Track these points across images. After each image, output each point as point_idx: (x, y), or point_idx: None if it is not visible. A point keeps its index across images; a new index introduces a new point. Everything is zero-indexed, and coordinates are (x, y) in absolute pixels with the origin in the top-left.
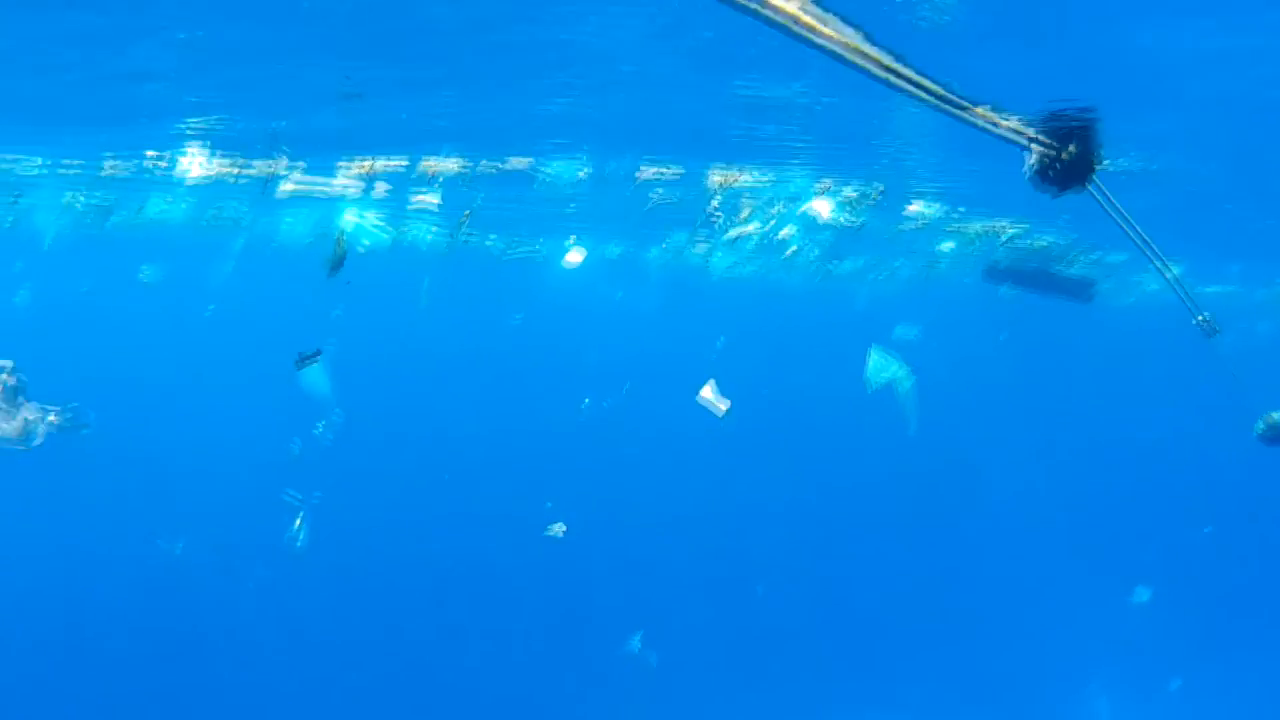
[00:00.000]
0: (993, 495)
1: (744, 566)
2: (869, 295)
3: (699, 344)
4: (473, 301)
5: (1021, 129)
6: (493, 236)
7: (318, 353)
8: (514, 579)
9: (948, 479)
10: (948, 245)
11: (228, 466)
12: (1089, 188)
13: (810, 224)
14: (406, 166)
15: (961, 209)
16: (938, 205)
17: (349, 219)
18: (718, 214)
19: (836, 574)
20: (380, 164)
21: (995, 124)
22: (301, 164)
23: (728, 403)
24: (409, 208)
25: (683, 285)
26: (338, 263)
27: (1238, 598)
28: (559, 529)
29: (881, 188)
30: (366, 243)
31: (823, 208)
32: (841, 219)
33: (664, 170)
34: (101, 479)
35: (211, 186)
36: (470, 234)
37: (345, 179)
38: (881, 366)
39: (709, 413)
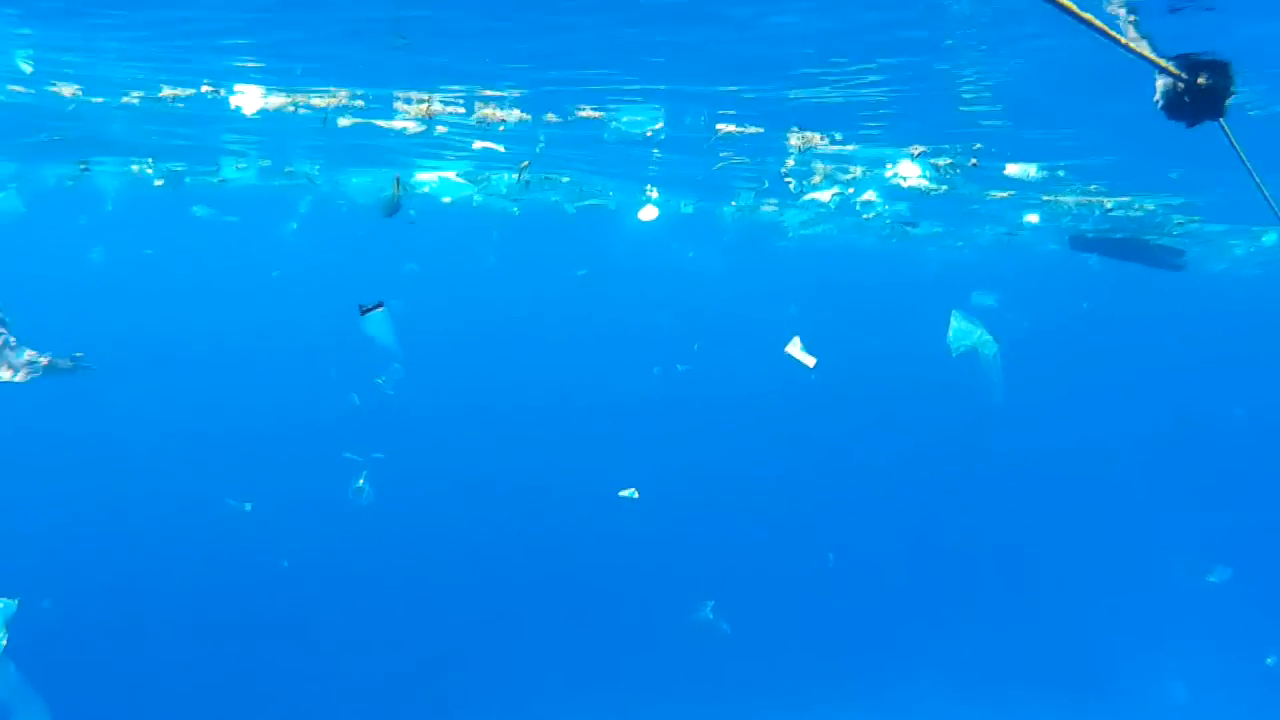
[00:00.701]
0: (1070, 469)
1: (815, 533)
2: (945, 260)
3: (770, 305)
4: (541, 257)
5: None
6: (566, 177)
7: (379, 305)
8: (580, 544)
9: (1024, 452)
10: (1033, 218)
11: (291, 425)
12: (1220, 120)
13: (893, 190)
14: (463, 113)
15: (1061, 172)
16: (1035, 167)
17: (429, 178)
18: (789, 179)
19: (908, 544)
20: (438, 104)
21: (1136, 50)
22: (360, 98)
23: (814, 358)
24: (474, 146)
25: (755, 244)
26: (394, 206)
27: None
28: (632, 492)
29: (978, 147)
30: (447, 199)
31: (910, 172)
32: (928, 185)
33: (743, 129)
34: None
35: (271, 120)
36: (533, 177)
37: (404, 120)
38: (964, 333)
39: (786, 369)
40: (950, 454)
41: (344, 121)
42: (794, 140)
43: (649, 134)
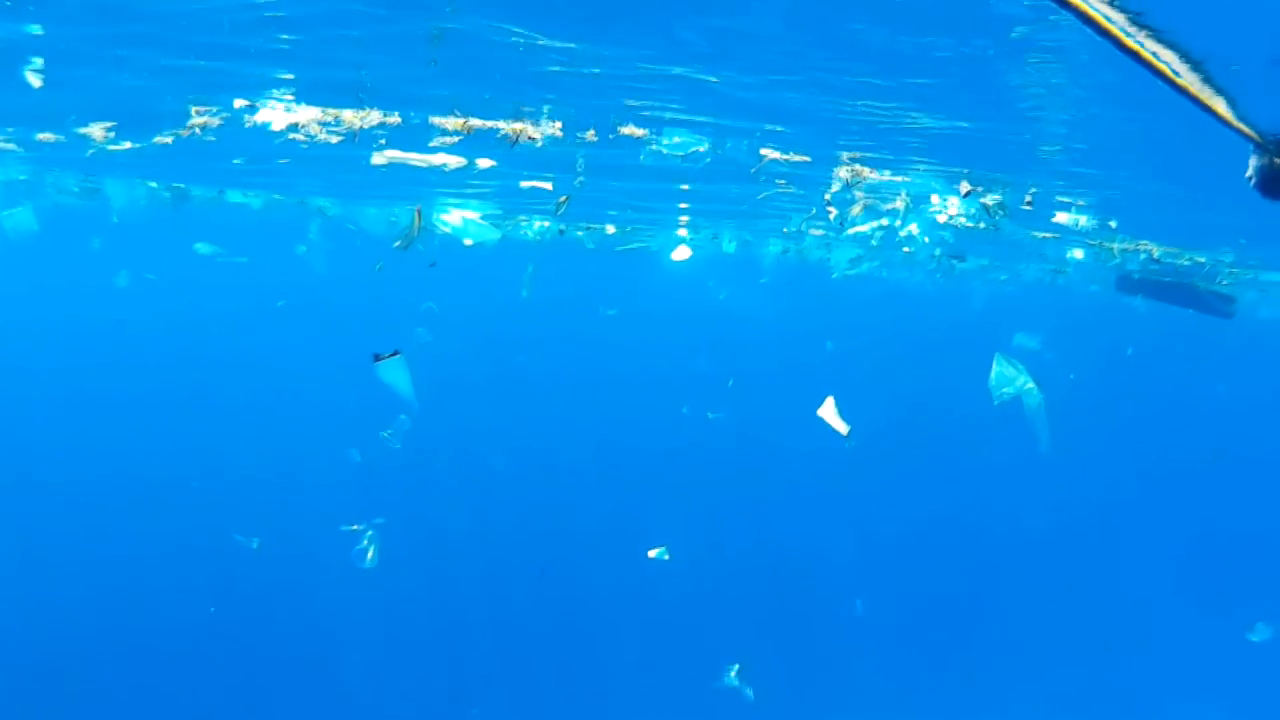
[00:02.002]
0: (1108, 519)
1: (841, 581)
2: (991, 295)
3: (811, 346)
4: (569, 298)
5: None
6: (611, 227)
7: (395, 353)
8: (603, 600)
9: (1063, 500)
10: (1078, 253)
11: (291, 468)
12: None
13: (937, 224)
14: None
15: (1114, 223)
16: (1086, 217)
17: (452, 219)
18: (831, 208)
19: (942, 592)
20: (476, 120)
21: (1231, 122)
22: (395, 116)
23: (848, 426)
24: (521, 185)
25: (794, 284)
26: (410, 238)
27: None
28: (662, 552)
29: (1035, 190)
30: (469, 241)
31: (955, 208)
32: (975, 222)
33: (790, 155)
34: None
35: (299, 144)
36: (570, 226)
37: (441, 153)
38: (1007, 378)
39: (821, 423)
40: (985, 502)
41: (378, 159)
42: (843, 172)
43: (688, 155)
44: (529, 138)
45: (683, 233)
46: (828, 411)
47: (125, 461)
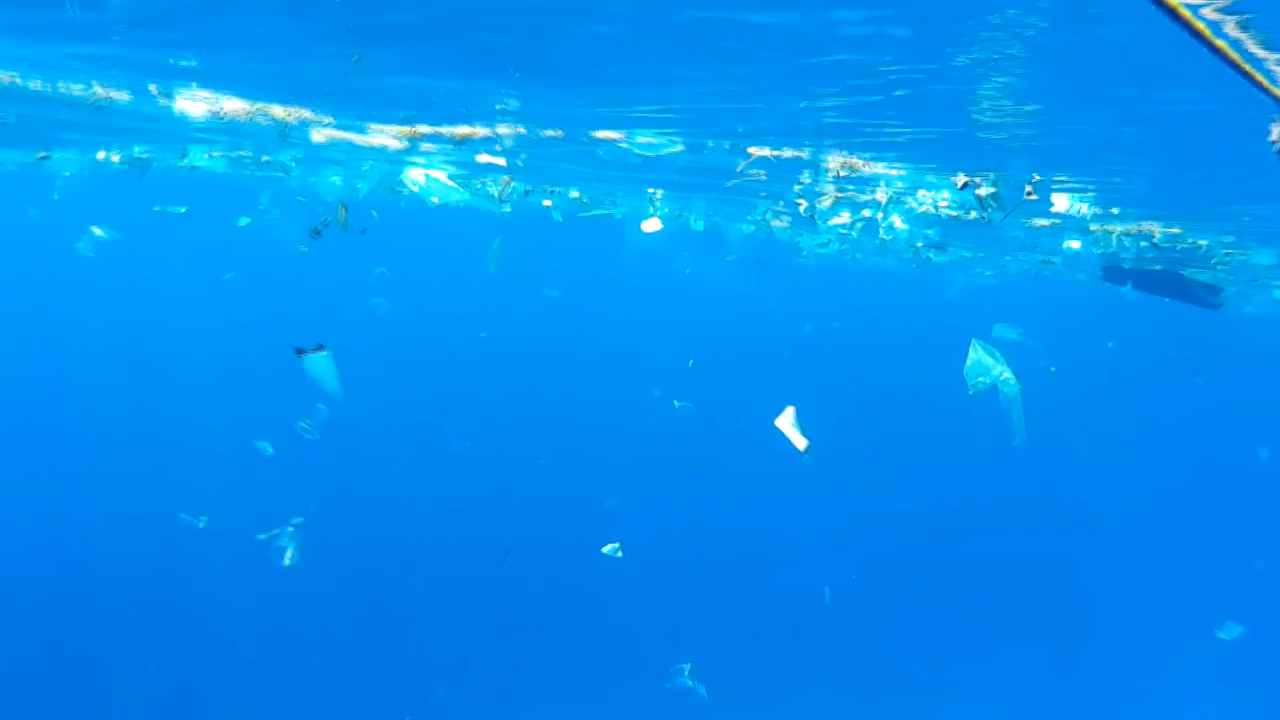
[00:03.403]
0: (1081, 515)
1: (811, 569)
2: (968, 285)
3: (781, 326)
4: (534, 265)
5: None
6: (575, 191)
7: (319, 347)
8: (555, 591)
9: (1036, 495)
10: (1074, 243)
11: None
12: None
13: (923, 216)
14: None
15: (1116, 210)
16: (1089, 204)
17: (416, 175)
18: (800, 200)
19: (913, 583)
20: (425, 126)
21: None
22: (329, 118)
23: (806, 441)
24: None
25: (769, 261)
26: (320, 229)
27: None
28: (615, 549)
29: (1037, 178)
30: (435, 199)
31: (944, 200)
32: (965, 211)
33: (778, 152)
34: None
35: (223, 128)
36: (536, 188)
37: (384, 139)
38: (982, 368)
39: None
40: (963, 500)
41: (318, 136)
42: (833, 163)
43: (664, 154)
44: (482, 137)
45: (656, 204)
46: (785, 423)
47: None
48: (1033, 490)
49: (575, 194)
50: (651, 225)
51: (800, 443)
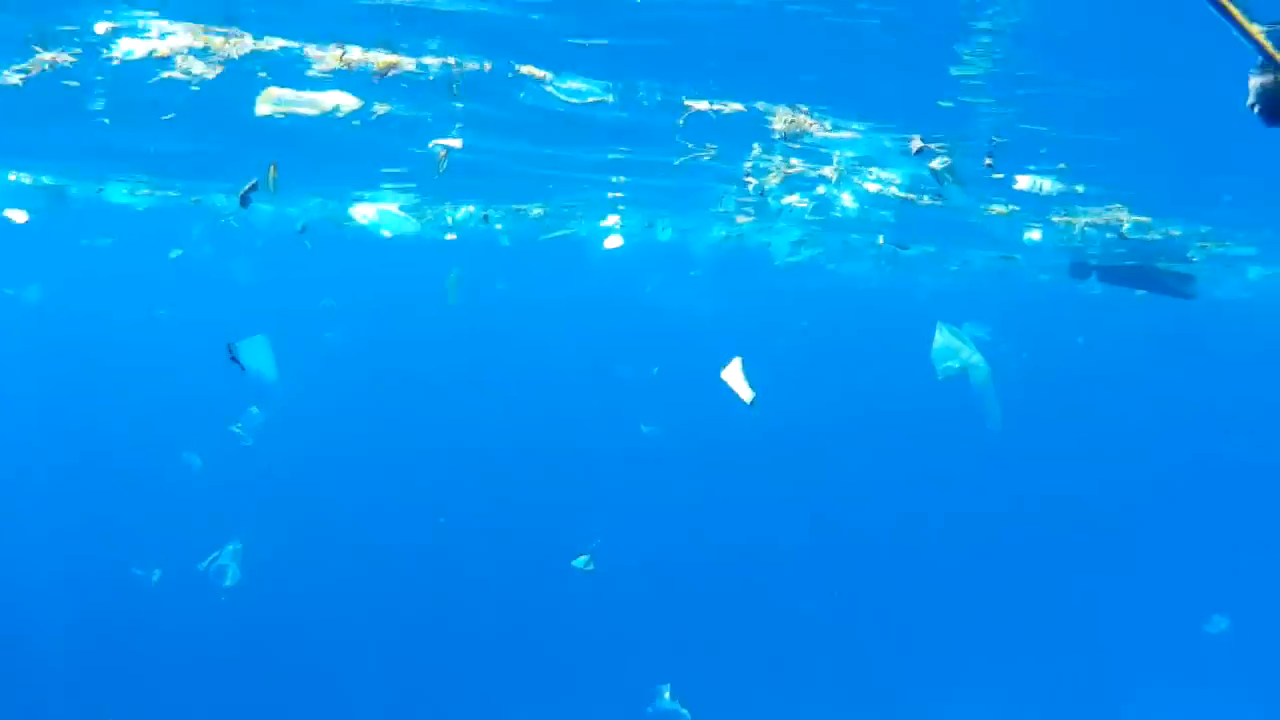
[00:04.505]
0: (1062, 512)
1: (786, 585)
2: (936, 288)
3: (753, 342)
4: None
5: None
6: (537, 209)
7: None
8: (525, 614)
9: (1016, 493)
10: (1034, 234)
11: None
12: None
13: (875, 197)
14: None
15: (1081, 188)
16: (1052, 180)
17: (366, 210)
18: (750, 178)
19: (894, 589)
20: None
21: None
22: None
23: (753, 393)
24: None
25: (739, 274)
26: (249, 191)
27: None
28: (586, 561)
29: (996, 140)
30: (387, 233)
31: (895, 175)
32: (918, 195)
33: (720, 105)
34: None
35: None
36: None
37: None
38: (950, 352)
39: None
40: (928, 501)
41: (264, 108)
42: (779, 123)
43: (591, 102)
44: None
45: (613, 220)
46: (732, 375)
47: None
48: (1015, 491)
49: (538, 211)
50: (613, 242)
51: (746, 395)
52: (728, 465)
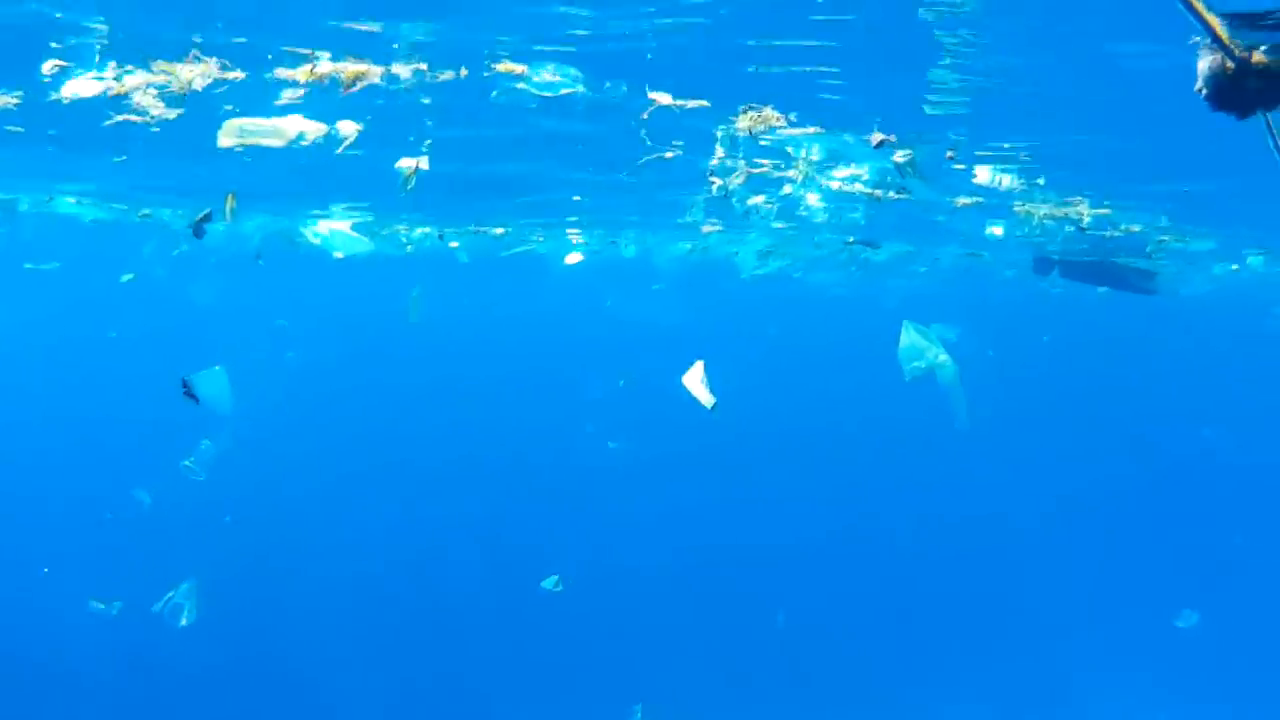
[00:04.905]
0: (1031, 508)
1: (761, 596)
2: (907, 291)
3: (722, 355)
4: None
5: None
6: (500, 228)
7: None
8: (495, 637)
9: (981, 495)
10: (996, 229)
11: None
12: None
13: (841, 195)
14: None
15: (1041, 180)
16: (1013, 175)
17: (320, 230)
18: (714, 177)
19: (865, 594)
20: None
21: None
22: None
23: (713, 398)
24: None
25: (704, 287)
26: (202, 221)
27: None
28: (555, 582)
29: (960, 141)
30: (339, 254)
31: (862, 171)
32: (884, 191)
33: (684, 102)
34: None
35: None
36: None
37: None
38: (917, 351)
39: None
40: (899, 503)
41: (226, 139)
42: (742, 123)
43: (562, 94)
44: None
45: (574, 234)
46: (693, 380)
47: None
48: (983, 486)
49: (500, 230)
50: (573, 258)
51: (707, 400)
52: (699, 477)
